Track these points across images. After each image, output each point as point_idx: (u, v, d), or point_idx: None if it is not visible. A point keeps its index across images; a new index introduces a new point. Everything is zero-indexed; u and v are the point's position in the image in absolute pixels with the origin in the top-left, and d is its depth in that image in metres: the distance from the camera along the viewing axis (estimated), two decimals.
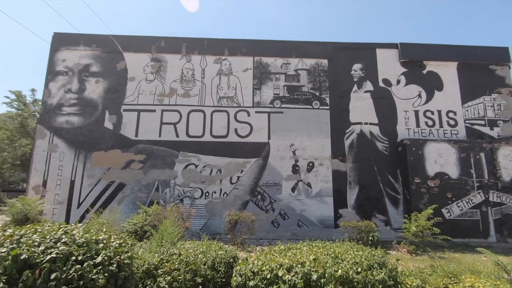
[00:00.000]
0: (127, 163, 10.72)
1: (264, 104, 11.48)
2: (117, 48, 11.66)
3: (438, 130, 11.40)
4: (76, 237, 2.88)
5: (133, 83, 11.42)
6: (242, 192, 10.72)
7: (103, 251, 2.83)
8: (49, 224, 3.15)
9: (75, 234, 2.93)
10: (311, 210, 10.66)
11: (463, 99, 11.72)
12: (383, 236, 9.77)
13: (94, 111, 11.12)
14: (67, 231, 2.99)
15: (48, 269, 2.34)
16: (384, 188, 10.93)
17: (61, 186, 10.45)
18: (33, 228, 2.91)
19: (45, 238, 2.70)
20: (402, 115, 11.54)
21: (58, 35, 11.75)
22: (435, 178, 10.34)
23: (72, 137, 10.83)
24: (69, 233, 2.95)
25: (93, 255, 2.74)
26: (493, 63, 12.04)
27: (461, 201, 10.15)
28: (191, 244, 5.01)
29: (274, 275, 3.12)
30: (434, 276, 4.05)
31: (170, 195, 10.59)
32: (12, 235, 2.63)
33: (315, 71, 11.88)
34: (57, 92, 11.18)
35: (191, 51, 11.81)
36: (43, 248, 2.54)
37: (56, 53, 11.52)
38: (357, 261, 3.45)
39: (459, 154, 10.54)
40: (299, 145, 11.14)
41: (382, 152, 11.22)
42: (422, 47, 12.16)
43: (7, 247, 2.38)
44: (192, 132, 11.10)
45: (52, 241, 2.68)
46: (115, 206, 10.14)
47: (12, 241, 2.48)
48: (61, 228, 3.01)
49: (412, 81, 11.87)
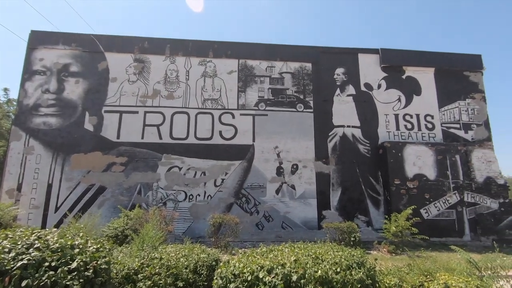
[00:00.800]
0: (108, 165, 10.45)
1: (248, 107, 11.51)
2: (99, 48, 11.38)
3: (417, 133, 11.82)
4: (50, 242, 2.79)
5: (115, 84, 11.16)
6: (227, 194, 10.68)
7: (78, 257, 2.75)
8: (21, 230, 3.03)
9: (49, 240, 2.83)
10: (295, 212, 10.75)
11: (440, 104, 12.22)
12: (365, 237, 10.00)
13: (73, 112, 10.78)
14: (41, 237, 2.88)
15: (19, 276, 2.25)
16: (366, 189, 11.19)
17: (38, 190, 10.04)
18: (4, 233, 2.79)
19: (16, 244, 2.59)
20: (383, 118, 11.89)
21: (36, 33, 11.33)
22: (414, 179, 10.70)
23: (50, 139, 10.44)
24: (42, 238, 2.84)
25: (68, 261, 2.65)
26: (467, 69, 12.64)
27: (438, 202, 10.55)
28: (173, 247, 4.94)
29: (255, 277, 3.13)
30: (411, 274, 4.17)
31: (153, 198, 10.40)
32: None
33: (299, 75, 12.05)
34: (34, 92, 10.76)
35: (175, 52, 11.69)
36: (14, 254, 2.44)
37: (33, 52, 11.10)
38: (337, 261, 3.51)
39: (436, 156, 10.97)
40: (283, 147, 11.24)
41: (364, 154, 11.50)
42: (401, 53, 12.61)
43: None
44: (176, 134, 10.97)
45: (24, 247, 2.58)
46: (95, 210, 9.83)
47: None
48: (34, 234, 2.90)
49: (392, 85, 12.27)
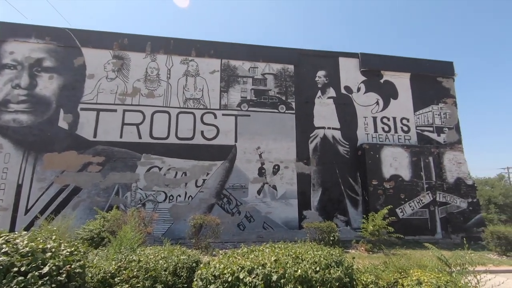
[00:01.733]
0: (84, 165, 10.05)
1: (231, 107, 11.48)
2: (75, 43, 10.93)
3: (394, 136, 12.27)
4: (19, 246, 2.65)
5: (92, 81, 10.76)
6: (208, 195, 10.58)
7: (51, 261, 2.63)
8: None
9: (18, 243, 2.69)
10: (276, 212, 10.84)
11: (415, 107, 12.76)
12: (344, 236, 10.24)
13: (46, 109, 10.27)
14: (9, 240, 2.73)
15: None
16: (345, 190, 11.48)
17: (6, 190, 9.48)
18: None
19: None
20: (362, 121, 12.24)
21: (5, 25, 10.69)
22: (390, 180, 11.10)
23: (20, 137, 9.89)
24: (11, 242, 2.69)
25: (39, 265, 2.53)
26: (440, 75, 13.29)
27: (413, 201, 11.00)
28: (152, 249, 4.83)
29: (236, 277, 3.13)
30: (387, 271, 4.32)
31: (132, 199, 10.12)
32: None
33: (282, 76, 12.16)
34: (2, 87, 10.16)
35: (156, 50, 11.45)
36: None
37: (3, 45, 10.49)
38: (316, 260, 3.57)
39: (411, 158, 11.44)
40: (265, 148, 11.30)
41: (344, 155, 11.79)
42: (380, 58, 13.06)
43: None
44: (156, 133, 10.73)
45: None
46: (69, 211, 9.42)
47: None
48: (1, 237, 2.74)
49: (371, 89, 12.67)
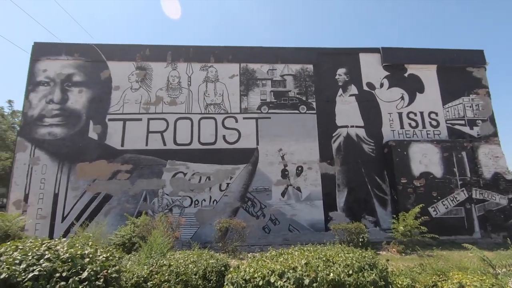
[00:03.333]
0: (113, 173, 10.48)
1: (251, 110, 11.52)
2: (101, 57, 11.48)
3: (422, 131, 11.73)
4: (60, 252, 2.78)
5: (117, 92, 11.24)
6: (232, 199, 10.65)
7: (89, 266, 2.73)
8: (31, 240, 3.03)
9: (59, 250, 2.82)
10: (301, 214, 10.69)
11: (444, 101, 12.14)
12: (373, 237, 9.88)
13: (77, 121, 10.85)
14: (51, 247, 2.88)
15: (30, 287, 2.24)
16: (372, 189, 11.10)
17: (44, 200, 10.09)
18: (14, 245, 2.79)
19: (26, 255, 2.58)
20: (386, 117, 11.82)
21: (39, 45, 11.46)
22: (420, 177, 10.60)
23: (55, 148, 10.51)
24: (52, 248, 2.84)
25: (79, 271, 2.64)
26: (470, 65, 12.56)
27: (446, 199, 10.42)
28: (181, 254, 4.92)
29: (266, 281, 3.10)
30: (424, 274, 4.11)
31: (159, 205, 10.39)
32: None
33: (301, 76, 12.05)
34: (38, 103, 10.86)
35: (177, 58, 11.76)
36: (25, 265, 2.43)
37: (37, 63, 11.23)
38: (348, 263, 3.47)
39: (442, 154, 10.86)
40: (288, 149, 11.21)
41: (369, 154, 11.43)
42: (402, 51, 12.57)
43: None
44: (179, 140, 10.99)
45: (34, 258, 2.57)
46: (101, 218, 9.84)
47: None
48: (44, 244, 2.90)
49: (394, 84, 12.22)
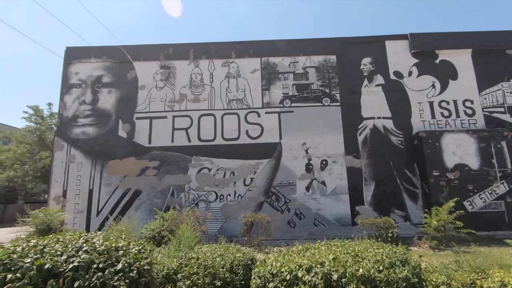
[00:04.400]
0: (142, 170, 10.91)
1: (273, 104, 11.44)
2: (127, 58, 11.91)
3: (455, 121, 11.04)
4: (96, 245, 2.94)
5: (144, 91, 11.62)
6: (256, 193, 10.70)
7: (123, 258, 2.87)
8: (70, 233, 3.23)
9: (95, 242, 2.98)
10: (327, 209, 10.52)
11: (480, 87, 11.30)
12: (403, 232, 9.51)
13: (108, 121, 11.38)
14: (88, 240, 3.05)
15: (71, 277, 2.39)
16: (402, 182, 10.67)
17: (80, 195, 10.74)
18: (55, 238, 2.99)
19: (67, 247, 2.76)
20: (416, 107, 11.24)
21: (71, 49, 12.11)
22: (454, 170, 10.01)
23: (88, 147, 11.12)
24: (89, 241, 3.00)
25: (114, 262, 2.78)
26: (510, 47, 11.56)
27: (484, 193, 9.78)
28: (208, 247, 5.03)
29: (294, 276, 3.08)
30: (460, 271, 3.89)
31: (185, 200, 10.69)
32: (36, 245, 2.71)
33: (324, 68, 11.75)
34: (72, 104, 11.51)
35: (199, 56, 11.92)
36: (66, 257, 2.59)
37: (69, 67, 11.87)
38: (378, 259, 3.35)
39: (479, 144, 10.17)
40: (311, 143, 11.03)
41: (397, 146, 10.96)
42: (433, 36, 11.83)
43: (32, 257, 2.44)
44: (203, 136, 11.19)
45: (74, 250, 2.74)
46: (132, 213, 10.33)
47: (36, 251, 2.55)
48: (81, 237, 3.08)
49: (424, 71, 11.56)
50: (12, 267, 2.28)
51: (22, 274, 2.23)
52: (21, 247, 2.63)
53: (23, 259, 2.40)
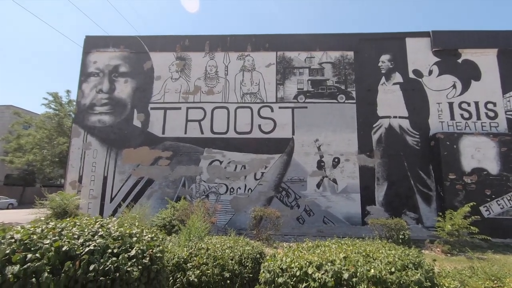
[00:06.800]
0: (155, 159, 11.08)
1: (287, 99, 11.34)
2: (144, 48, 12.02)
3: (475, 123, 10.66)
4: (111, 230, 3.00)
5: (159, 82, 11.73)
6: (267, 188, 10.71)
7: (136, 245, 2.92)
8: (87, 218, 3.31)
9: (110, 228, 3.05)
10: (337, 207, 10.43)
11: (504, 89, 10.84)
12: (415, 235, 9.33)
13: (123, 110, 11.58)
14: (103, 225, 3.12)
15: (87, 260, 2.45)
16: (415, 184, 10.43)
17: (95, 181, 11.03)
18: (73, 221, 3.07)
19: (83, 231, 2.83)
20: (434, 107, 10.91)
21: (89, 38, 12.32)
22: (471, 174, 9.70)
23: (104, 135, 11.37)
24: (105, 226, 3.07)
25: (128, 248, 2.83)
26: None
27: (502, 199, 9.45)
28: (218, 239, 5.07)
29: (304, 272, 3.06)
30: (475, 278, 3.78)
31: (196, 191, 10.82)
32: (54, 228, 2.79)
33: (340, 64, 11.52)
34: (89, 92, 11.76)
35: (214, 48, 11.90)
36: (82, 240, 2.66)
37: (88, 56, 12.10)
38: (390, 260, 3.29)
39: (500, 148, 9.79)
40: (324, 140, 10.90)
41: (413, 146, 10.70)
42: (457, 35, 11.38)
43: (50, 239, 2.52)
44: (216, 128, 11.23)
45: (90, 234, 2.81)
46: (144, 201, 10.54)
47: (55, 234, 2.62)
48: (97, 222, 3.15)
49: (445, 71, 11.17)
50: (31, 247, 2.36)
51: (41, 254, 2.31)
52: (41, 228, 2.71)
53: (42, 240, 2.48)
